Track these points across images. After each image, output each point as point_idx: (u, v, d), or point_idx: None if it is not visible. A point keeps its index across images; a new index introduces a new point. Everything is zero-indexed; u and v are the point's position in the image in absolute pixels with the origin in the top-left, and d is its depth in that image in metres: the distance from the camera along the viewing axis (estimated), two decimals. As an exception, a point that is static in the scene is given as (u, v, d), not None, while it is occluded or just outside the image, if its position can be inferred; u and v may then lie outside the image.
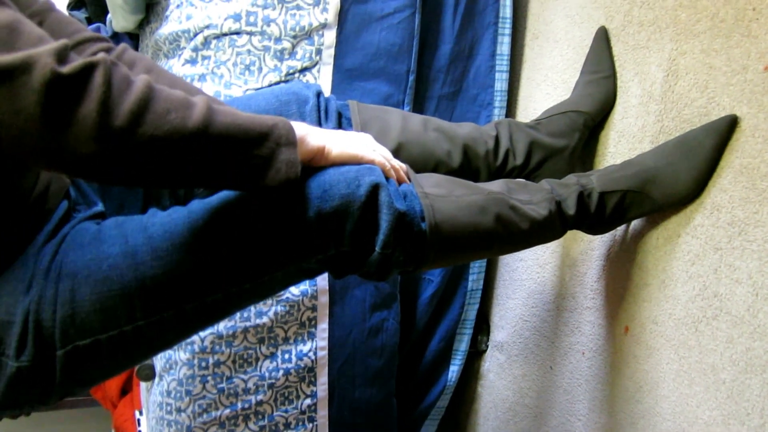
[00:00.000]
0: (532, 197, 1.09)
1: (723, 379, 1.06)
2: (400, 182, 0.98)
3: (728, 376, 1.05)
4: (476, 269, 1.81)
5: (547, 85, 1.62)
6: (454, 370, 1.88)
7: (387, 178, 0.95)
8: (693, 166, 1.09)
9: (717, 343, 1.08)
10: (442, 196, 0.98)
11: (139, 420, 1.85)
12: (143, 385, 1.76)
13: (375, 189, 0.91)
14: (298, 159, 0.85)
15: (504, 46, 1.67)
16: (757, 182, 1.00)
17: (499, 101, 1.69)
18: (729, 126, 1.04)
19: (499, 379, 1.89)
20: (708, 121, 1.09)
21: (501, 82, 1.68)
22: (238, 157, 0.79)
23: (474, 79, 1.66)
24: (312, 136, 0.92)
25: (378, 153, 0.97)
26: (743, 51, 1.03)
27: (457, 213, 0.98)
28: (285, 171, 0.83)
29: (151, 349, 0.91)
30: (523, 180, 1.14)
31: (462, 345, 1.87)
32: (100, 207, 0.98)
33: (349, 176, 0.91)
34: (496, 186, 1.08)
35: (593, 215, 1.14)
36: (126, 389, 2.26)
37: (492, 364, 1.94)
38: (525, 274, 1.73)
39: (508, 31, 1.66)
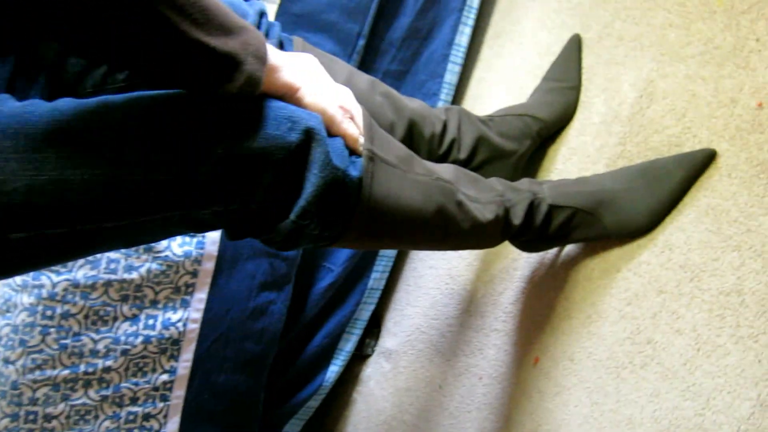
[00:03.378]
0: (480, 195, 0.95)
1: (639, 434, 0.96)
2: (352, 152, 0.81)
3: (645, 432, 0.95)
4: (381, 267, 1.66)
5: (501, 88, 1.50)
6: (333, 370, 1.72)
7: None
8: (654, 197, 0.98)
9: (640, 395, 0.97)
10: (391, 164, 0.83)
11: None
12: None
13: (308, 137, 0.73)
14: (262, 77, 0.69)
15: (464, 37, 1.53)
16: (723, 227, 0.90)
17: (446, 94, 1.55)
18: (704, 160, 0.94)
19: (380, 388, 1.75)
20: (679, 152, 0.99)
21: (452, 75, 1.55)
22: (182, 39, 0.61)
23: (425, 64, 1.52)
24: (290, 70, 0.75)
25: (348, 122, 0.80)
26: (736, 83, 0.94)
27: (398, 191, 0.82)
28: (242, 83, 0.67)
29: None
30: (475, 173, 1.00)
31: (348, 345, 1.72)
32: None
33: (282, 113, 0.72)
34: (448, 173, 0.93)
35: (537, 229, 1.02)
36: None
37: (375, 371, 1.80)
38: (432, 282, 1.60)
39: (471, 22, 1.53)
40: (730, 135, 0.93)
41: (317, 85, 0.78)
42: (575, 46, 1.26)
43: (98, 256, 1.23)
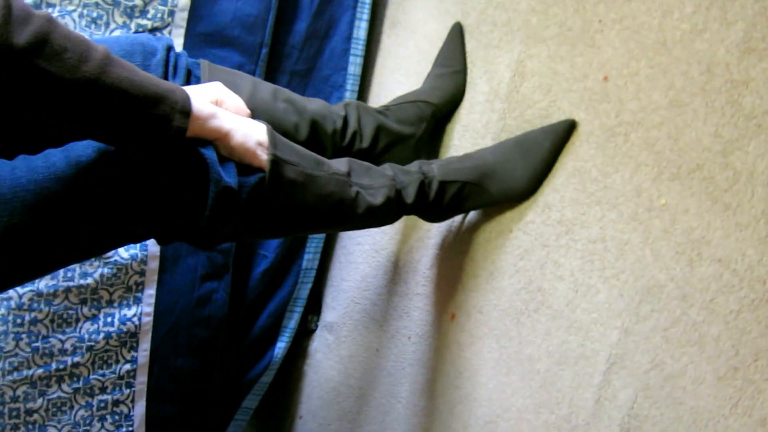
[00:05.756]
0: (372, 182, 1.09)
1: (538, 369, 1.12)
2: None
3: (543, 366, 1.11)
4: (312, 248, 1.79)
5: (400, 74, 1.63)
6: (280, 346, 1.86)
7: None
8: (529, 165, 1.14)
9: (536, 335, 1.13)
10: (293, 164, 0.97)
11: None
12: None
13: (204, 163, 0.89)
14: (186, 128, 0.85)
15: (361, 31, 1.66)
16: (587, 185, 1.06)
17: (351, 84, 1.68)
18: (567, 130, 1.10)
19: (326, 359, 1.89)
20: (548, 123, 1.14)
21: (355, 66, 1.67)
22: (129, 112, 0.78)
23: (328, 60, 1.64)
24: (223, 118, 0.90)
25: (264, 152, 0.96)
26: (586, 60, 1.09)
27: (300, 187, 0.97)
28: (173, 134, 0.84)
29: None
30: (368, 163, 1.14)
31: (291, 323, 1.85)
32: None
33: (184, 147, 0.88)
34: (342, 165, 1.07)
35: (432, 203, 1.16)
36: None
37: (320, 344, 1.94)
38: (361, 257, 1.74)
39: (366, 16, 1.66)
40: (585, 106, 1.08)
41: (240, 128, 0.93)
42: (458, 32, 1.40)
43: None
